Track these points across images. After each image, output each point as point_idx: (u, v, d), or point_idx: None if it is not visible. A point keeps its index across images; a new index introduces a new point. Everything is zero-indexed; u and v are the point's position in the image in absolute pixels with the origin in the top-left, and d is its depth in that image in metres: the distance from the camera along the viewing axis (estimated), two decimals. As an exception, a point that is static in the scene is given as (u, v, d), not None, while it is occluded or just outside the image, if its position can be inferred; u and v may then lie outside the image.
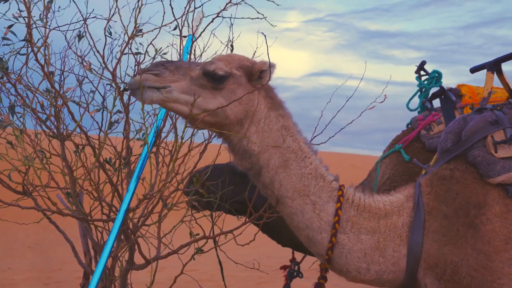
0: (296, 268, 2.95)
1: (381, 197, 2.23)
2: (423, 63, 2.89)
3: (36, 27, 2.66)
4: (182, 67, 2.14)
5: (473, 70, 2.62)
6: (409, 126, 3.03)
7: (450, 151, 2.19)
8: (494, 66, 2.49)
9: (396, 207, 2.19)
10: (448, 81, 2.87)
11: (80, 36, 2.93)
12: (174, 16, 2.83)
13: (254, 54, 3.01)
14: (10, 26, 2.62)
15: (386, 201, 2.21)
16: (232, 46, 3.10)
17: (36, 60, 2.60)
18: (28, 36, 2.57)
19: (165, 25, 2.84)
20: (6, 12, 2.61)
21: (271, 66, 2.19)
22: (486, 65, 2.52)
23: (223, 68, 2.13)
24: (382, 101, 2.54)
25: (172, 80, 2.10)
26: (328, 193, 2.17)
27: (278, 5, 2.87)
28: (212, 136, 2.31)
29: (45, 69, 2.67)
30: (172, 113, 2.83)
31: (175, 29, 2.93)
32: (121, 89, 2.79)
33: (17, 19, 2.60)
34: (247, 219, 2.65)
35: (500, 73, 2.52)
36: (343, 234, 2.14)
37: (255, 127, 2.17)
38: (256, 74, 2.18)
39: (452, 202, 2.09)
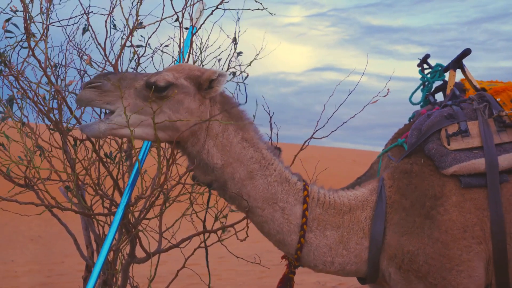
0: None
1: (346, 192, 2.29)
2: (426, 56, 2.86)
3: (33, 22, 2.65)
4: (126, 78, 2.08)
5: (444, 70, 2.69)
6: (412, 120, 3.01)
7: (413, 146, 2.26)
8: (455, 64, 2.59)
9: (360, 202, 2.25)
10: (452, 77, 2.85)
11: (84, 30, 2.93)
12: (173, 9, 2.82)
13: (261, 49, 3.01)
14: (7, 20, 2.61)
15: (351, 196, 2.26)
16: (235, 39, 3.09)
17: (33, 55, 2.59)
18: (26, 31, 2.57)
19: (166, 18, 2.83)
20: (7, 5, 2.60)
21: (221, 75, 2.12)
22: (450, 64, 2.62)
23: (165, 78, 2.07)
24: (385, 95, 2.53)
25: (116, 95, 2.02)
26: (294, 196, 2.21)
27: (283, -2, 2.85)
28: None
29: (43, 64, 2.65)
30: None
31: (175, 21, 2.92)
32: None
33: (15, 13, 2.60)
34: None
35: (463, 70, 2.59)
36: (310, 232, 2.20)
37: (213, 141, 2.14)
38: (205, 83, 2.13)
39: (411, 195, 2.16)
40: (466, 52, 2.56)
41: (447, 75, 2.71)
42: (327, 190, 2.29)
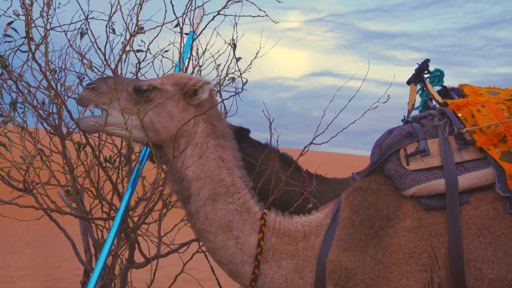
0: None
1: (301, 218, 2.22)
2: (426, 61, 2.86)
3: (35, 26, 2.65)
4: (122, 82, 2.20)
5: (408, 82, 2.66)
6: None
7: (374, 164, 2.18)
8: (416, 78, 2.53)
9: (314, 227, 2.17)
10: (449, 83, 2.85)
11: (82, 34, 2.93)
12: (174, 14, 2.83)
13: (257, 53, 3.01)
14: (10, 23, 2.61)
15: (305, 222, 2.19)
16: (234, 45, 3.09)
17: (34, 59, 2.59)
18: (27, 35, 2.57)
19: (167, 23, 2.83)
20: (8, 8, 2.60)
21: (205, 83, 2.15)
22: (410, 78, 2.57)
23: (150, 82, 2.16)
24: (386, 101, 2.52)
25: (110, 97, 2.14)
26: (251, 225, 2.16)
27: (280, 1, 2.86)
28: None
29: (43, 69, 2.65)
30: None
31: (176, 26, 2.93)
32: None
33: (18, 16, 2.60)
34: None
35: (424, 83, 2.54)
36: (265, 263, 2.14)
37: (191, 150, 2.15)
38: (190, 90, 2.16)
39: (363, 212, 2.07)
40: (425, 67, 2.51)
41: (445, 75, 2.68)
42: (283, 217, 2.23)
